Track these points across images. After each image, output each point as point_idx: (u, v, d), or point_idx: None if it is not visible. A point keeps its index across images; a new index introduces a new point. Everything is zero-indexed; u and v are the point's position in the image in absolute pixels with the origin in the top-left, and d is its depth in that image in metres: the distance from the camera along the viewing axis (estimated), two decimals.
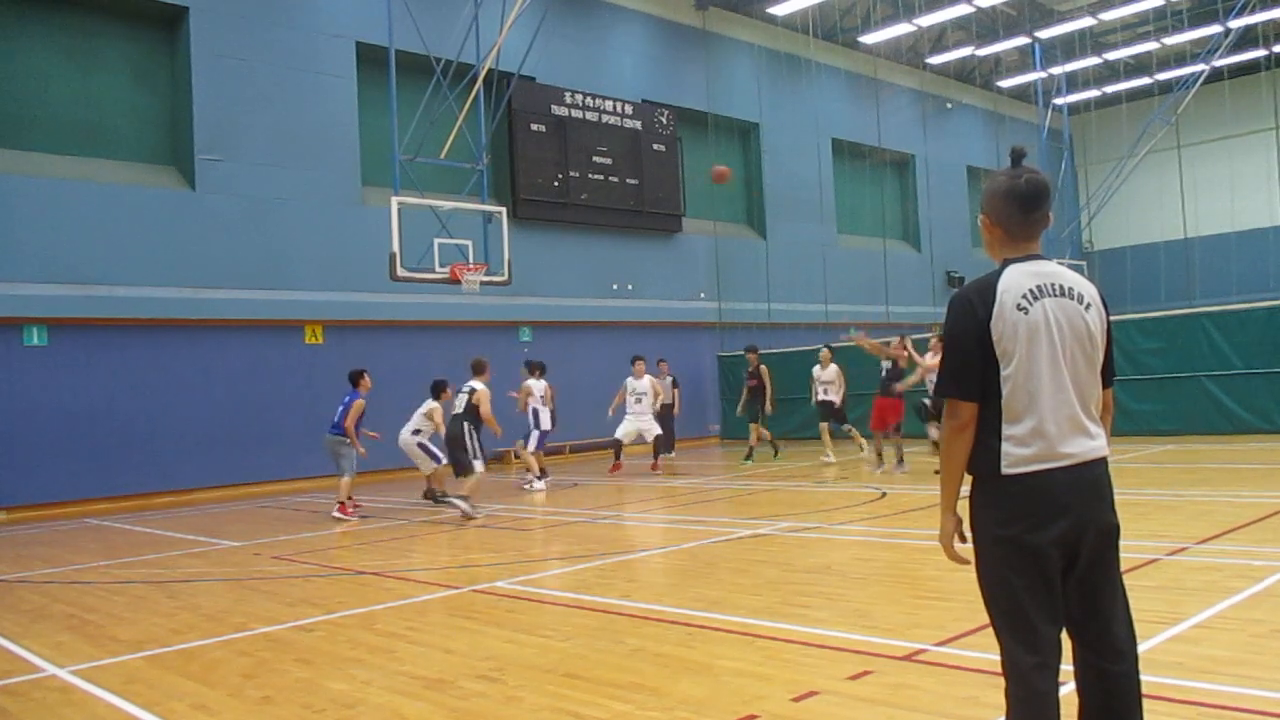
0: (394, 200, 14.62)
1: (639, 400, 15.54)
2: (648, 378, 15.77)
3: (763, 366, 15.72)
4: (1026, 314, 2.52)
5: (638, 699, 4.05)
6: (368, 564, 8.12)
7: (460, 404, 11.33)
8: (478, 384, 11.41)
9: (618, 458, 15.79)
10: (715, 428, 22.69)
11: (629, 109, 21.62)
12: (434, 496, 12.35)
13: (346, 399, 11.77)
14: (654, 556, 7.66)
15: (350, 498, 11.77)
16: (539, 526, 10.13)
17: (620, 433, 15.70)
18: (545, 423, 14.53)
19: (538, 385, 14.54)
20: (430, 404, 12.30)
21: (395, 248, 14.45)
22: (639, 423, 15.55)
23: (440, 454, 12.12)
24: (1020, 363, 2.53)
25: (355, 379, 11.94)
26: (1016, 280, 2.56)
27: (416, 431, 12.29)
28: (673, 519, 10.26)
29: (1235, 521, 7.39)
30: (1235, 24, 25.81)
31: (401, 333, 17.85)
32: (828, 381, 15.46)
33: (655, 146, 21.91)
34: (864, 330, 18.03)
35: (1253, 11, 25.31)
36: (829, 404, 15.35)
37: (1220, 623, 4.63)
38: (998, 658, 2.61)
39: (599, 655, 4.76)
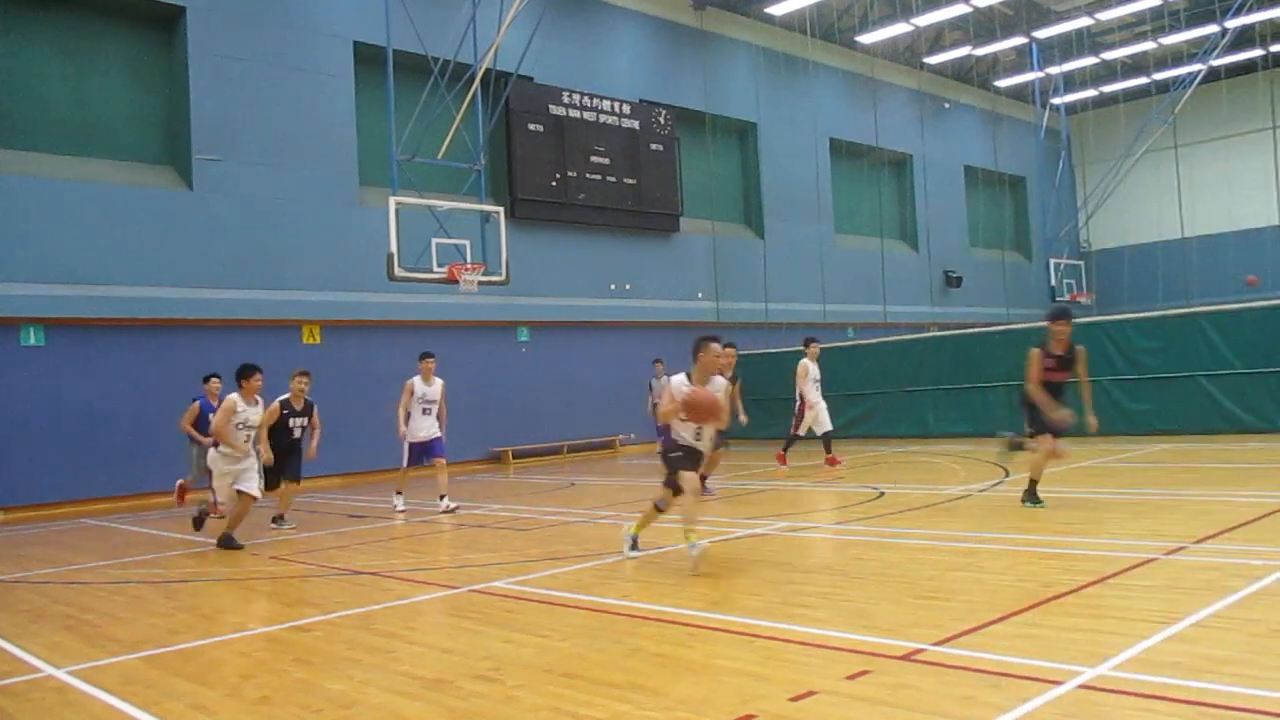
0: (392, 200, 14.62)
1: (817, 386, 14.26)
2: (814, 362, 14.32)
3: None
4: None
5: (637, 699, 4.04)
6: (366, 564, 8.11)
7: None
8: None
9: (829, 450, 14.28)
10: None
11: (627, 109, 21.62)
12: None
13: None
14: (653, 556, 7.66)
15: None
16: (538, 527, 10.13)
17: (817, 424, 14.17)
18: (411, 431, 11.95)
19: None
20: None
21: (393, 248, 14.46)
22: (821, 411, 14.16)
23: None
24: None
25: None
26: None
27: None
28: (672, 519, 10.23)
29: (1233, 521, 7.39)
30: (1232, 24, 25.85)
31: (399, 333, 17.83)
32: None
33: (653, 146, 21.91)
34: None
35: (1250, 11, 25.34)
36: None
37: (1218, 622, 4.63)
38: (997, 657, 2.61)
39: (598, 655, 4.75)
